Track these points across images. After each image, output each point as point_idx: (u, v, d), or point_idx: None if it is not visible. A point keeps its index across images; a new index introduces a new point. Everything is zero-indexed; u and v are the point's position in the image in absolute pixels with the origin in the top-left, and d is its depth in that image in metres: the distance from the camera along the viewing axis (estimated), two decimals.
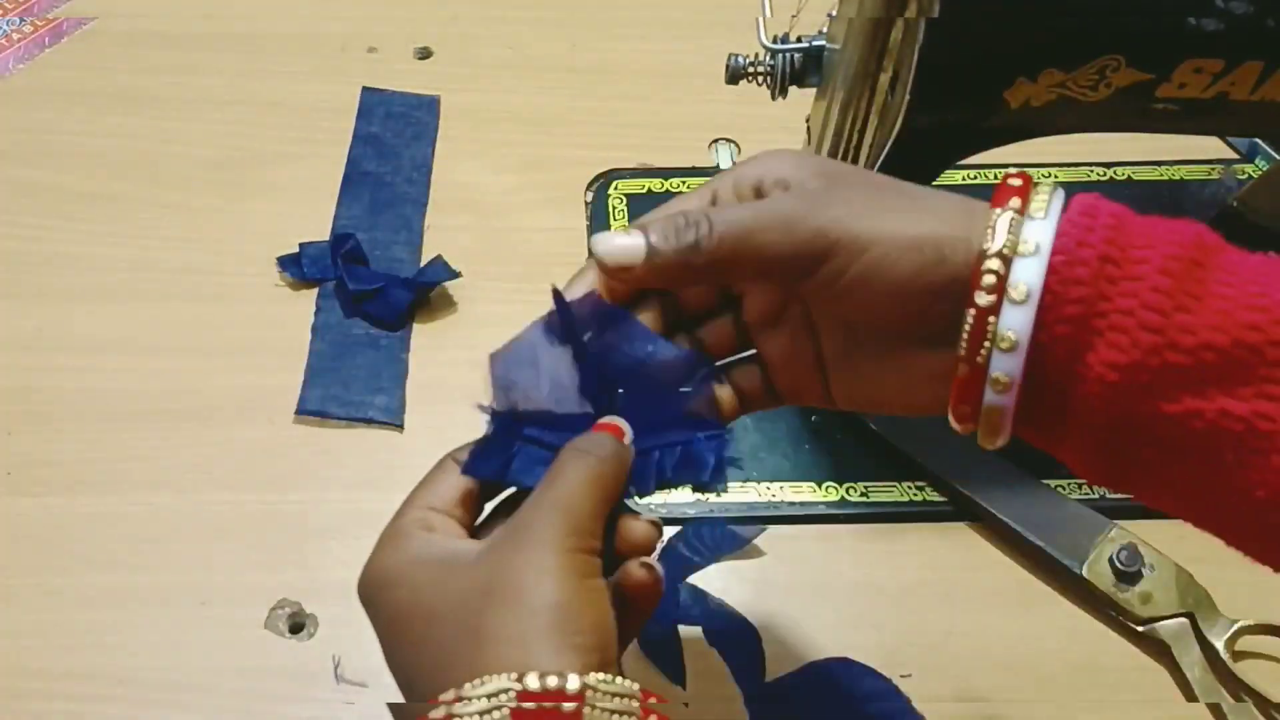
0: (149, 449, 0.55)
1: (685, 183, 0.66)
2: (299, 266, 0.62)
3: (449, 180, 0.68)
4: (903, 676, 0.47)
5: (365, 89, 0.73)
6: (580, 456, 0.30)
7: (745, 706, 0.46)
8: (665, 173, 0.67)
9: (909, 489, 0.53)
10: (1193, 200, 0.65)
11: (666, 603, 0.49)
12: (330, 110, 0.71)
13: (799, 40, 0.49)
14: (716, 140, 0.70)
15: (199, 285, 0.62)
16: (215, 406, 0.56)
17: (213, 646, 0.48)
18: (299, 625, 0.49)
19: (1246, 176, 0.66)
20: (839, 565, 0.51)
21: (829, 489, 0.53)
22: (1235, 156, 0.68)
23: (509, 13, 0.79)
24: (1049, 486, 0.51)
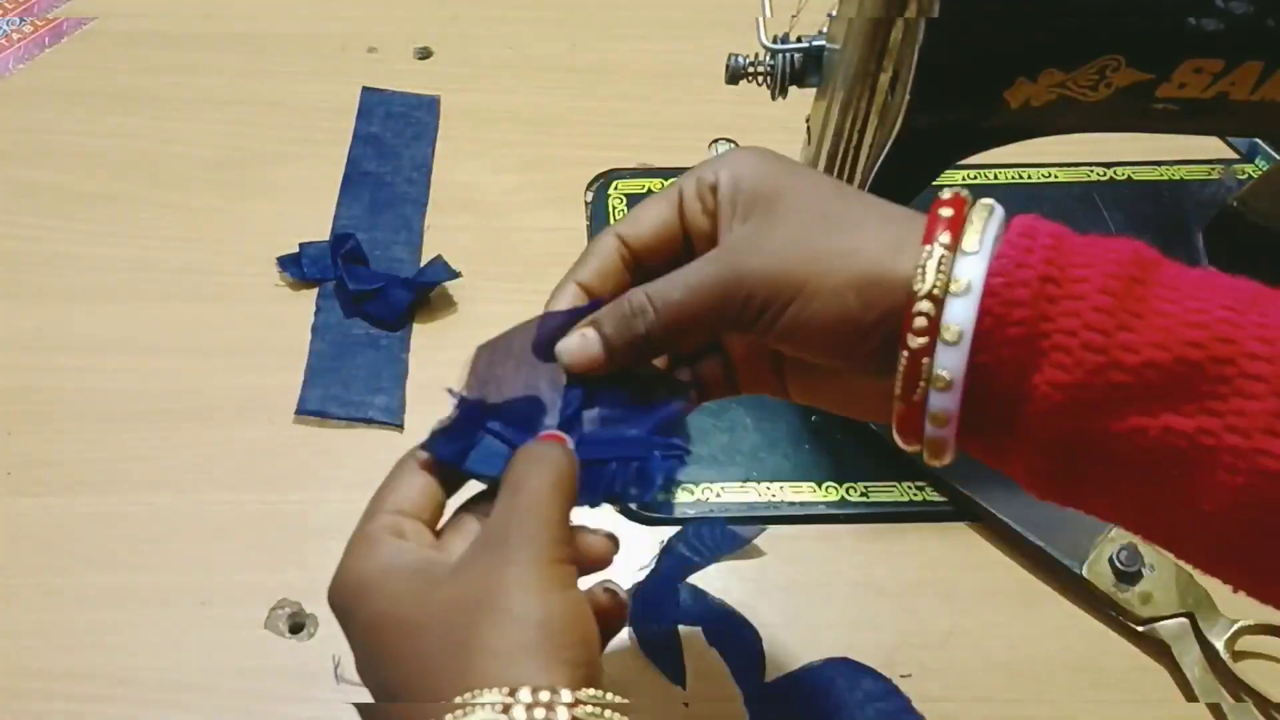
0: (149, 449, 0.55)
1: None
2: (299, 266, 0.62)
3: (449, 180, 0.68)
4: (903, 676, 0.47)
5: (365, 89, 0.73)
6: (539, 463, 0.30)
7: (745, 706, 0.46)
8: (665, 173, 0.67)
9: (909, 489, 0.53)
10: (1193, 200, 0.65)
11: (666, 603, 0.49)
12: (330, 110, 0.71)
13: (799, 40, 0.49)
14: (716, 140, 0.69)
15: (199, 285, 0.62)
16: (215, 406, 0.56)
17: (213, 646, 0.48)
18: (299, 625, 0.49)
19: (1246, 176, 0.66)
20: (839, 565, 0.51)
21: (829, 489, 0.53)
22: (1235, 156, 0.68)
23: (509, 13, 0.79)
24: None
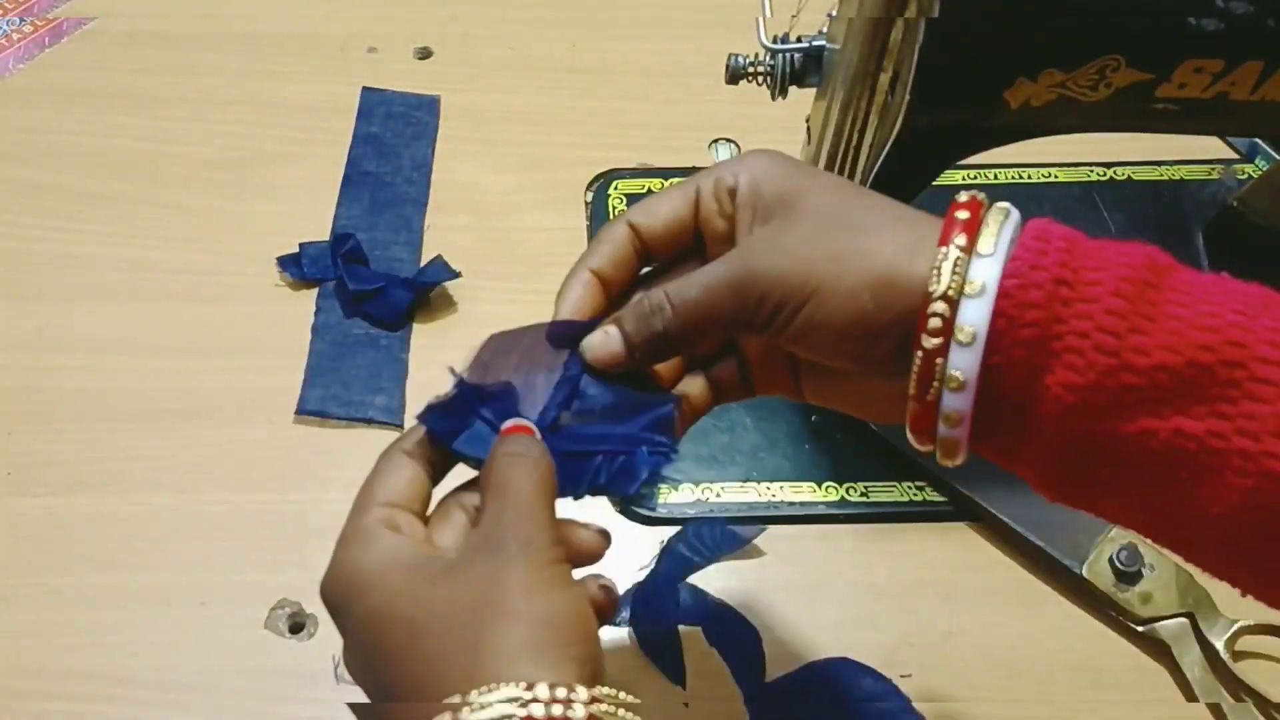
0: (149, 449, 0.55)
1: None
2: (299, 266, 0.62)
3: (449, 180, 0.68)
4: (903, 676, 0.47)
5: (365, 89, 0.73)
6: (522, 462, 0.30)
7: (745, 706, 0.46)
8: (665, 173, 0.67)
9: (909, 489, 0.53)
10: (1193, 200, 0.65)
11: (666, 603, 0.49)
12: (330, 110, 0.71)
13: (799, 40, 0.49)
14: (716, 140, 0.70)
15: (199, 285, 0.62)
16: (215, 406, 0.56)
17: (213, 646, 0.48)
18: (299, 625, 0.49)
19: (1246, 176, 0.66)
20: (839, 565, 0.51)
21: (829, 489, 0.53)
22: (1235, 156, 0.68)
23: (509, 13, 0.79)
24: None
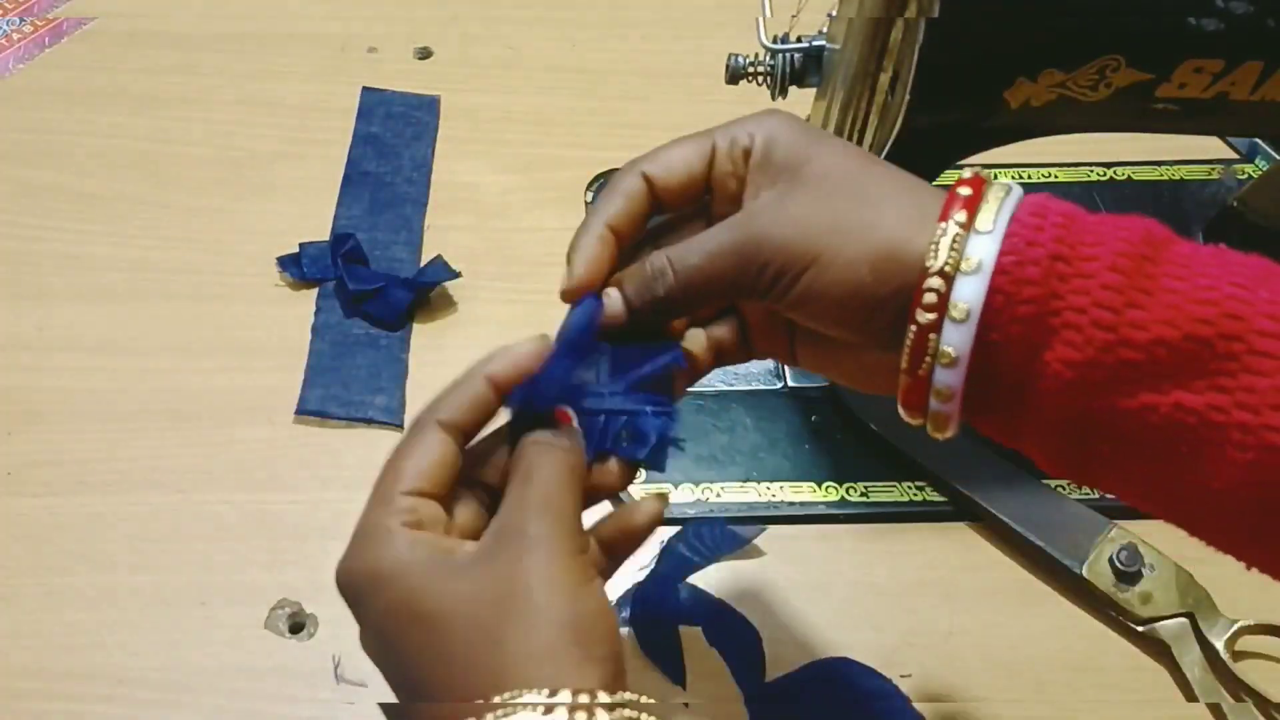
0: (149, 449, 0.55)
1: None
2: (299, 266, 0.62)
3: (449, 180, 0.68)
4: (903, 676, 0.47)
5: (365, 89, 0.73)
6: (549, 450, 0.30)
7: (745, 706, 0.46)
8: None
9: (909, 489, 0.53)
10: (1193, 200, 0.65)
11: (666, 603, 0.49)
12: (330, 110, 0.71)
13: (799, 40, 0.49)
14: None
15: (199, 285, 0.62)
16: (215, 406, 0.56)
17: (213, 646, 0.48)
18: (299, 625, 0.49)
19: (1246, 176, 0.66)
20: (839, 565, 0.51)
21: (829, 489, 0.53)
22: (1235, 156, 0.68)
23: (509, 13, 0.79)
24: (1049, 486, 0.51)
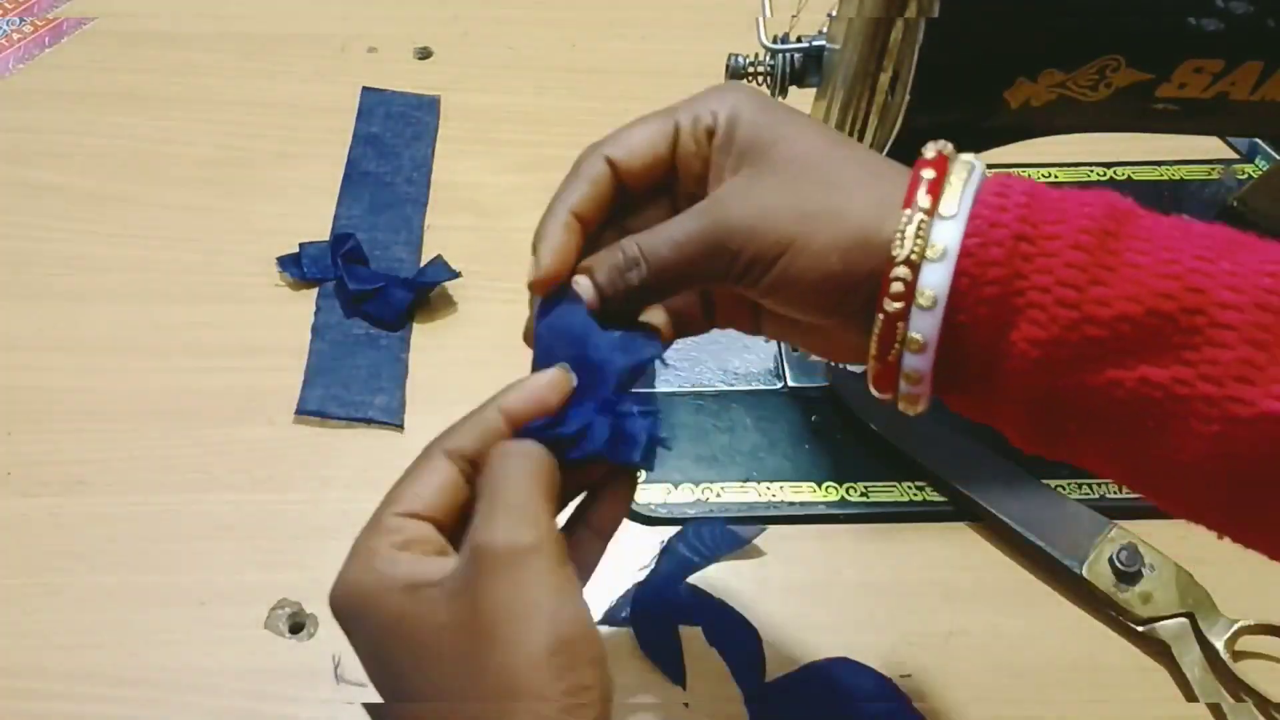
0: (149, 449, 0.55)
1: None
2: (299, 266, 0.62)
3: (449, 180, 0.68)
4: (903, 676, 0.47)
5: (365, 89, 0.73)
6: (511, 459, 0.30)
7: (745, 706, 0.46)
8: None
9: (909, 489, 0.53)
10: (1193, 200, 0.65)
11: (667, 603, 0.49)
12: (330, 110, 0.71)
13: (799, 40, 0.49)
14: None
15: (199, 285, 0.62)
16: (215, 406, 0.56)
17: (213, 646, 0.48)
18: (299, 625, 0.49)
19: (1246, 176, 0.66)
20: (839, 565, 0.51)
21: (829, 489, 0.53)
22: (1235, 156, 0.68)
23: (509, 13, 0.79)
24: (1049, 486, 0.51)
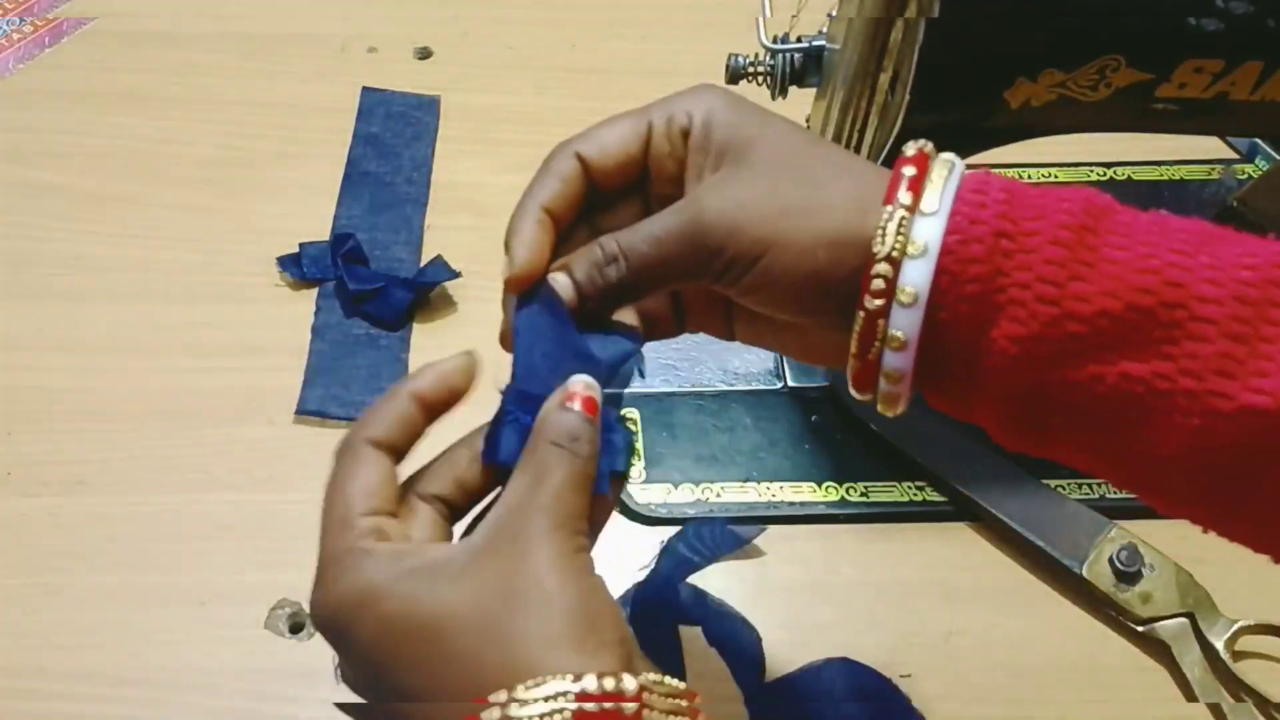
0: (149, 449, 0.55)
1: None
2: (299, 266, 0.62)
3: (449, 180, 0.68)
4: (903, 676, 0.47)
5: (365, 89, 0.73)
6: (564, 456, 0.30)
7: (745, 706, 0.46)
8: None
9: (909, 489, 0.53)
10: (1193, 200, 0.65)
11: (666, 603, 0.49)
12: (330, 110, 0.71)
13: (799, 40, 0.49)
14: None
15: (199, 285, 0.62)
16: (215, 406, 0.56)
17: (213, 646, 0.48)
18: (299, 625, 0.49)
19: (1246, 176, 0.66)
20: (839, 565, 0.51)
21: (829, 489, 0.53)
22: (1235, 156, 0.68)
23: (509, 13, 0.79)
24: (1049, 486, 0.51)
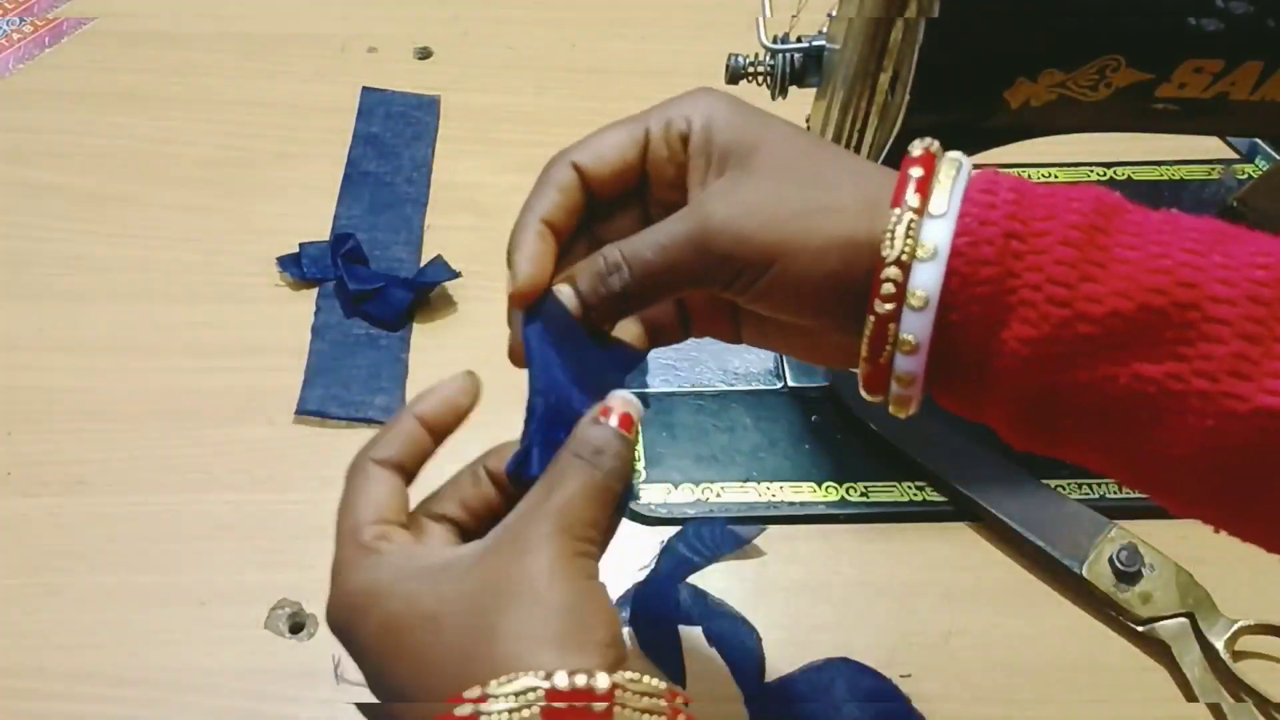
0: (149, 449, 0.55)
1: None
2: (299, 266, 0.62)
3: (449, 180, 0.68)
4: (903, 676, 0.47)
5: (365, 89, 0.73)
6: (582, 468, 0.29)
7: (745, 706, 0.46)
8: None
9: (909, 489, 0.53)
10: (1193, 200, 0.65)
11: (666, 603, 0.49)
12: (330, 110, 0.71)
13: (799, 40, 0.49)
14: None
15: (199, 285, 0.62)
16: (215, 406, 0.56)
17: (213, 646, 0.48)
18: (299, 625, 0.49)
19: (1246, 176, 0.66)
20: (839, 565, 0.51)
21: (829, 489, 0.53)
22: (1235, 156, 0.68)
23: (509, 13, 0.79)
24: (1049, 486, 0.51)
